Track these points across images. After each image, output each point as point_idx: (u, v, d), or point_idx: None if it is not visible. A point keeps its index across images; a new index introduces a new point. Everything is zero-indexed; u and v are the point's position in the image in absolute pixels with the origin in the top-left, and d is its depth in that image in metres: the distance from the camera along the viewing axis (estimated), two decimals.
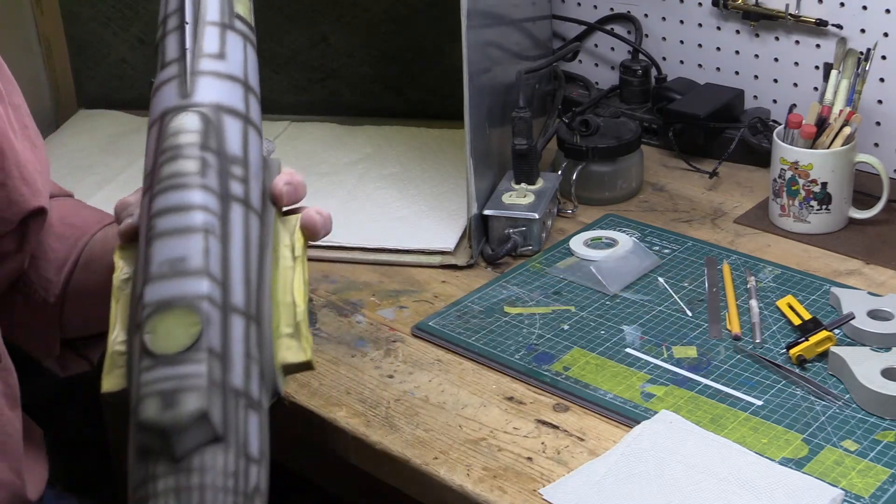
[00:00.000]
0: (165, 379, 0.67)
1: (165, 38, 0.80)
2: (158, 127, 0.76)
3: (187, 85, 0.77)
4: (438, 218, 1.39)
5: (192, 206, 0.72)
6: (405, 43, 1.64)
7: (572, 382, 1.10)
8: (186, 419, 0.66)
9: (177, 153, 0.74)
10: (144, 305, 0.69)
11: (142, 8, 1.69)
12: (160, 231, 0.71)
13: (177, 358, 0.67)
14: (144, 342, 0.68)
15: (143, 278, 0.70)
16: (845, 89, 1.34)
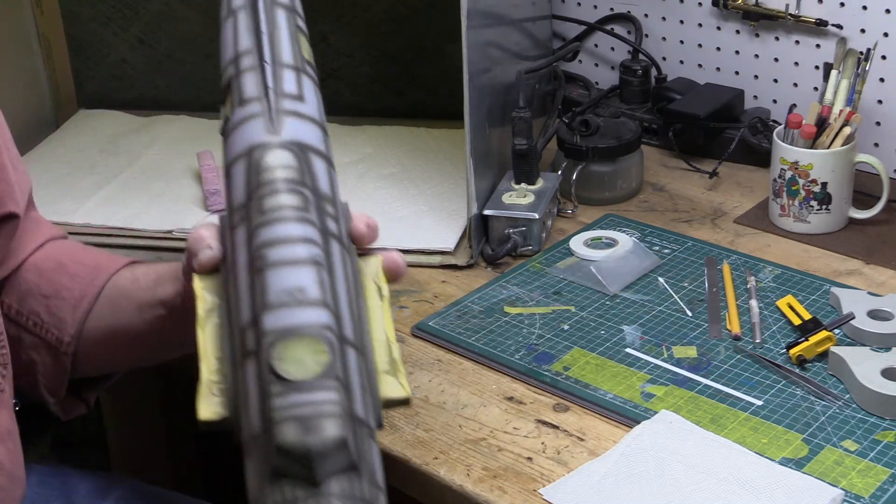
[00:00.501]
0: (301, 405, 0.67)
1: (241, 75, 0.81)
2: (247, 161, 0.77)
3: (273, 123, 0.78)
4: (438, 218, 1.39)
5: (302, 239, 0.73)
6: (405, 43, 1.64)
7: (572, 382, 1.10)
8: (328, 445, 0.67)
9: (278, 187, 0.75)
10: (265, 332, 0.69)
11: (142, 8, 1.69)
12: (272, 261, 0.72)
13: (310, 385, 0.68)
14: (274, 368, 0.68)
15: (259, 306, 0.71)
16: (845, 89, 1.34)
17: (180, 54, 1.71)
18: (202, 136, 1.64)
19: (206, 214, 1.43)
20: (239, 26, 0.83)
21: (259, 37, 0.81)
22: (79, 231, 1.41)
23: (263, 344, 0.69)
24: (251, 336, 0.71)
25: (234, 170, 0.78)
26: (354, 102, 1.68)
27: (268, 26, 0.82)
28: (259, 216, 0.74)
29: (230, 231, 0.77)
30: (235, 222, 0.76)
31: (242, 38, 0.82)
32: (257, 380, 0.70)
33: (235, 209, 0.77)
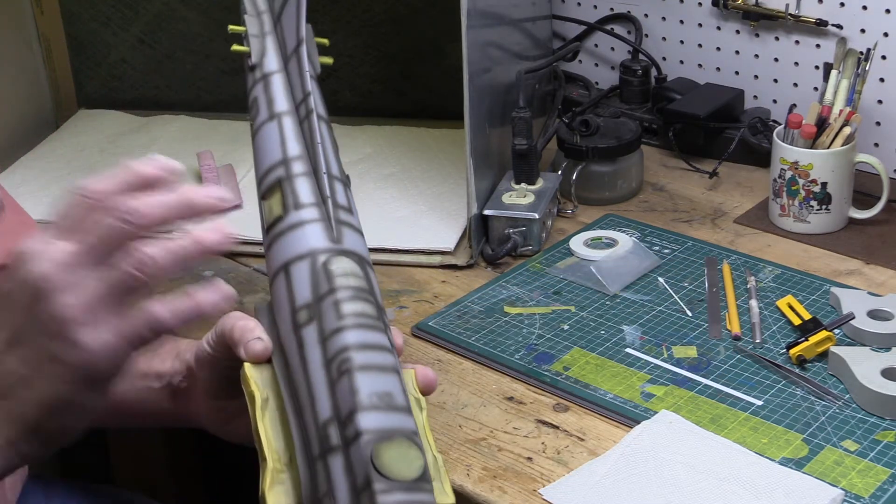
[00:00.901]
0: (406, 500, 0.72)
1: (294, 179, 0.85)
2: (311, 263, 0.81)
3: (334, 231, 0.83)
4: (438, 218, 1.39)
5: (385, 347, 0.78)
6: (405, 43, 1.64)
7: (572, 382, 1.10)
8: None
9: (354, 295, 0.79)
10: (362, 431, 0.73)
11: (142, 8, 1.69)
12: (359, 365, 0.76)
13: (413, 484, 0.73)
14: (377, 466, 0.72)
15: (348, 406, 0.74)
16: (845, 89, 1.34)
17: (180, 54, 1.71)
18: (202, 136, 1.64)
19: None
20: (285, 131, 0.88)
21: (314, 147, 0.86)
22: None
23: (360, 442, 0.73)
24: (334, 432, 0.75)
25: (294, 269, 0.82)
26: (354, 102, 1.68)
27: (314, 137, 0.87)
28: (338, 320, 0.77)
29: (295, 329, 0.80)
30: (302, 320, 0.79)
31: (291, 144, 0.87)
32: (348, 474, 0.73)
33: (299, 308, 0.79)
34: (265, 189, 0.89)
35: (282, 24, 0.95)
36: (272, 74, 0.92)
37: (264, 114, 0.91)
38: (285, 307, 0.82)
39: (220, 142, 1.62)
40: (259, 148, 0.90)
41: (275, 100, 0.91)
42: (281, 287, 0.83)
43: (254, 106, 0.92)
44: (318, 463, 0.76)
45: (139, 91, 1.75)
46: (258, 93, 0.92)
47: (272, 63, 0.93)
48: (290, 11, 0.93)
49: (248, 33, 0.96)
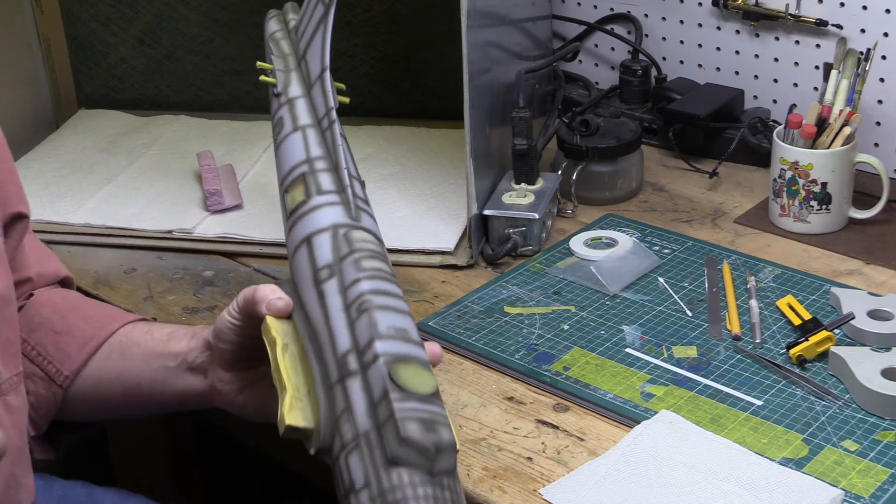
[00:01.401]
0: (422, 410, 0.81)
1: (317, 174, 1.00)
2: (333, 234, 0.94)
3: (352, 212, 0.97)
4: (438, 218, 1.39)
5: (400, 297, 0.90)
6: (405, 43, 1.64)
7: (572, 382, 1.10)
8: (446, 445, 0.80)
9: (374, 255, 0.92)
10: (380, 354, 0.83)
11: (142, 8, 1.69)
12: (378, 305, 0.87)
13: (427, 398, 0.82)
14: (394, 379, 0.82)
15: (368, 336, 0.85)
16: (845, 89, 1.34)
17: (180, 54, 1.71)
18: (202, 136, 1.64)
19: (205, 214, 1.43)
20: (309, 139, 1.04)
21: (336, 148, 1.01)
22: (79, 231, 1.42)
23: (378, 363, 0.83)
24: (353, 360, 0.85)
25: (316, 239, 0.95)
26: (354, 102, 1.67)
27: (335, 140, 1.02)
28: (359, 272, 0.90)
29: (316, 284, 0.91)
30: (323, 277, 0.91)
31: (314, 148, 1.03)
32: (365, 392, 0.83)
33: (321, 268, 0.92)
34: (288, 184, 1.02)
35: (306, 60, 1.11)
36: (297, 99, 1.09)
37: (289, 127, 1.06)
38: (307, 270, 0.93)
39: (220, 142, 1.62)
40: (283, 153, 1.05)
41: (299, 117, 1.07)
42: (303, 256, 0.95)
43: (279, 124, 1.09)
44: (337, 387, 0.85)
45: (139, 91, 1.75)
46: (283, 113, 1.09)
47: (296, 91, 1.10)
48: (316, 45, 1.10)
49: (274, 69, 1.13)
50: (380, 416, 0.81)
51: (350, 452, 0.82)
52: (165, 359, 1.03)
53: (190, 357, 1.02)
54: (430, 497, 0.79)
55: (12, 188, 1.02)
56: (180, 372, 1.02)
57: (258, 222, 1.41)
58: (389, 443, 0.79)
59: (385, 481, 0.79)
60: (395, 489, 0.78)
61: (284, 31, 1.19)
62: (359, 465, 0.81)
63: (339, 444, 0.83)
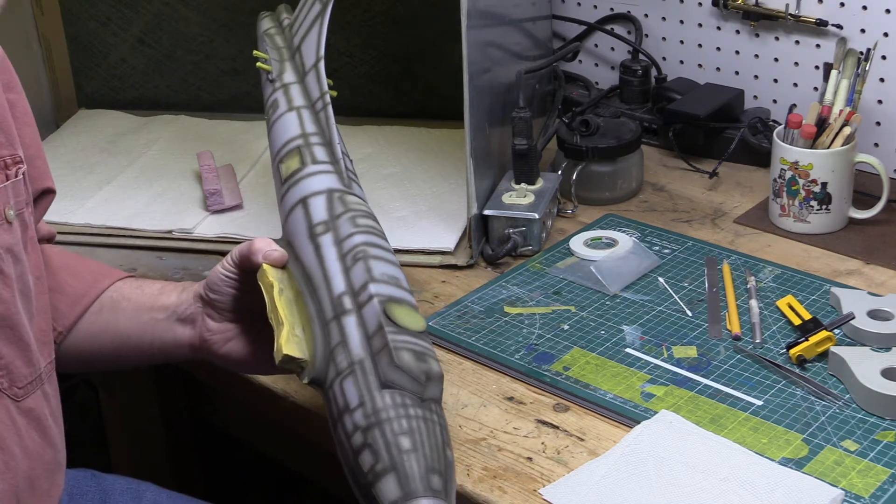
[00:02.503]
0: (413, 343, 0.90)
1: (312, 147, 1.10)
2: (328, 196, 1.03)
3: (345, 180, 1.06)
4: (438, 218, 1.39)
5: (390, 250, 0.99)
6: (405, 43, 1.64)
7: (572, 382, 1.10)
8: (435, 375, 0.89)
9: (365, 213, 1.02)
10: (374, 294, 0.92)
11: (142, 8, 1.69)
12: (372, 255, 0.96)
13: (418, 334, 0.91)
14: (389, 315, 0.91)
15: (363, 280, 0.94)
16: (845, 89, 1.34)
17: (180, 54, 1.71)
18: (202, 136, 1.64)
19: (205, 214, 1.43)
20: (304, 117, 1.13)
21: (330, 126, 1.11)
22: (79, 231, 1.42)
23: (373, 301, 0.91)
24: (348, 300, 0.93)
25: (312, 200, 1.03)
26: (354, 102, 1.68)
27: (329, 119, 1.12)
28: (353, 227, 0.99)
29: (311, 237, 0.99)
30: (318, 231, 0.99)
31: (308, 125, 1.13)
32: (360, 327, 0.91)
33: (316, 224, 1.00)
34: (283, 155, 1.11)
35: (300, 51, 1.21)
36: (291, 84, 1.18)
37: (284, 107, 1.15)
38: (302, 226, 1.01)
39: (220, 142, 1.62)
40: (277, 131, 1.14)
41: (294, 98, 1.16)
42: (298, 214, 1.03)
43: (273, 105, 1.18)
44: (332, 323, 0.92)
45: (139, 91, 1.75)
46: (278, 96, 1.18)
47: (290, 77, 1.19)
48: (312, 38, 1.19)
49: (270, 58, 1.23)
50: (374, 346, 0.89)
51: (345, 378, 0.89)
52: (156, 311, 1.08)
53: (180, 309, 1.06)
54: (420, 417, 0.86)
55: (40, 164, 1.05)
56: (170, 323, 1.07)
57: (258, 222, 1.41)
58: (384, 368, 0.87)
59: (378, 401, 0.86)
60: (388, 408, 0.86)
61: (278, 28, 1.29)
62: (353, 389, 0.88)
63: (333, 372, 0.90)
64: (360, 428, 0.86)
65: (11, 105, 0.99)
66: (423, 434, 0.85)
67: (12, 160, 0.95)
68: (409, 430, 0.85)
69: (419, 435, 0.85)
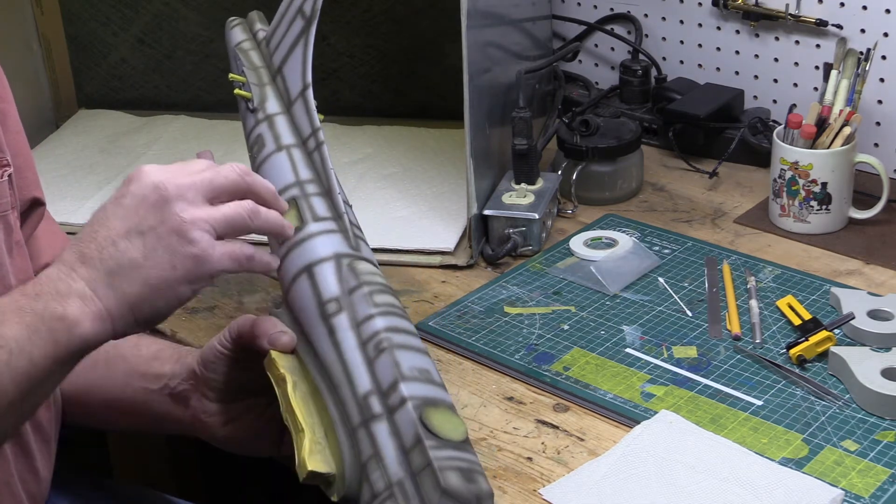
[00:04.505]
0: (458, 459, 0.80)
1: (310, 198, 0.96)
2: (336, 264, 0.91)
3: (351, 240, 0.93)
4: (438, 218, 1.39)
5: (414, 332, 0.88)
6: (405, 43, 1.64)
7: (572, 382, 1.10)
8: (485, 495, 0.80)
9: (383, 289, 0.90)
10: (407, 398, 0.81)
11: (142, 8, 1.69)
12: (398, 343, 0.85)
13: (460, 445, 0.81)
14: (427, 424, 0.80)
15: (390, 378, 0.83)
16: (845, 89, 1.34)
17: (180, 54, 1.71)
18: (202, 136, 1.64)
19: None
20: (296, 159, 0.99)
21: (327, 172, 0.97)
22: (79, 231, 1.41)
23: (407, 406, 0.81)
24: (376, 402, 0.83)
25: (318, 269, 0.91)
26: (354, 102, 1.68)
27: (325, 163, 0.97)
28: (371, 307, 0.87)
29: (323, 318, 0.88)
30: (331, 311, 0.88)
31: (302, 170, 0.98)
32: (394, 437, 0.81)
33: (327, 301, 0.89)
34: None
35: (283, 74, 1.06)
36: (276, 115, 1.03)
37: (271, 146, 1.01)
38: (310, 301, 0.90)
39: (220, 142, 1.62)
40: (267, 174, 0.99)
41: (281, 135, 1.01)
42: (303, 286, 0.91)
43: (258, 142, 1.02)
44: (360, 431, 0.82)
45: (139, 91, 1.75)
46: (262, 130, 1.03)
47: (274, 107, 1.04)
48: (296, 61, 1.04)
49: (248, 82, 1.07)
50: (413, 464, 0.79)
51: (384, 503, 0.79)
52: (148, 380, 1.00)
53: (172, 383, 0.99)
54: None
55: (29, 174, 1.02)
56: (161, 397, 0.99)
57: None
58: (429, 493, 0.78)
59: None
60: None
61: (253, 42, 1.13)
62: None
63: (368, 492, 0.80)
64: None
65: (2, 114, 0.98)
66: None
67: (2, 162, 0.93)
68: None
69: None
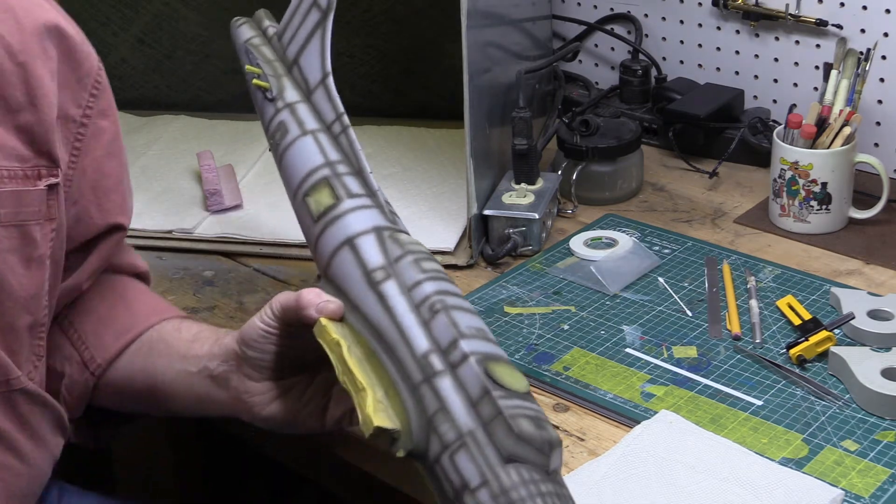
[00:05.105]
0: (526, 408, 0.81)
1: (342, 177, 0.99)
2: (377, 236, 0.93)
3: (387, 214, 0.96)
4: (438, 218, 1.39)
5: (462, 296, 0.90)
6: (405, 43, 1.64)
7: (572, 382, 1.10)
8: (556, 442, 0.80)
9: (428, 256, 0.92)
10: (469, 353, 0.83)
11: (142, 8, 1.69)
12: (452, 305, 0.87)
13: (526, 396, 0.82)
14: (493, 377, 0.81)
15: (450, 336, 0.84)
16: (845, 89, 1.34)
17: (180, 54, 1.71)
18: (202, 136, 1.64)
19: (205, 214, 1.43)
20: (322, 142, 1.02)
21: (356, 153, 1.02)
22: None
23: (470, 361, 0.82)
24: (437, 360, 0.84)
25: (360, 241, 0.93)
26: (354, 102, 1.67)
27: (353, 145, 1.02)
28: (420, 273, 0.89)
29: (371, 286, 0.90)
30: (379, 278, 0.90)
31: (330, 152, 1.01)
32: (459, 391, 0.82)
33: (373, 270, 0.90)
34: (308, 188, 1.00)
35: (300, 65, 1.09)
36: (296, 103, 1.06)
37: (296, 131, 1.04)
38: (355, 271, 0.92)
39: (220, 142, 1.62)
40: (294, 158, 1.03)
41: (305, 121, 1.04)
42: (346, 257, 0.93)
43: (280, 128, 1.04)
44: (423, 387, 0.83)
45: (139, 91, 1.75)
46: (284, 117, 1.06)
47: (293, 96, 1.07)
48: (313, 51, 1.07)
49: (264, 73, 1.10)
50: (483, 414, 0.80)
51: (456, 452, 0.80)
52: (189, 362, 1.01)
53: (212, 365, 0.99)
54: (553, 493, 0.78)
55: (116, 198, 1.02)
56: (201, 379, 1.00)
57: (258, 222, 1.40)
58: (502, 440, 0.79)
59: (505, 479, 0.78)
60: (518, 486, 0.78)
61: (263, 38, 1.16)
62: (470, 465, 0.79)
63: (437, 444, 0.81)
64: None
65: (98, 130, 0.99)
66: None
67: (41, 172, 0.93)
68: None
69: None
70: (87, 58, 1.00)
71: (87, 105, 0.98)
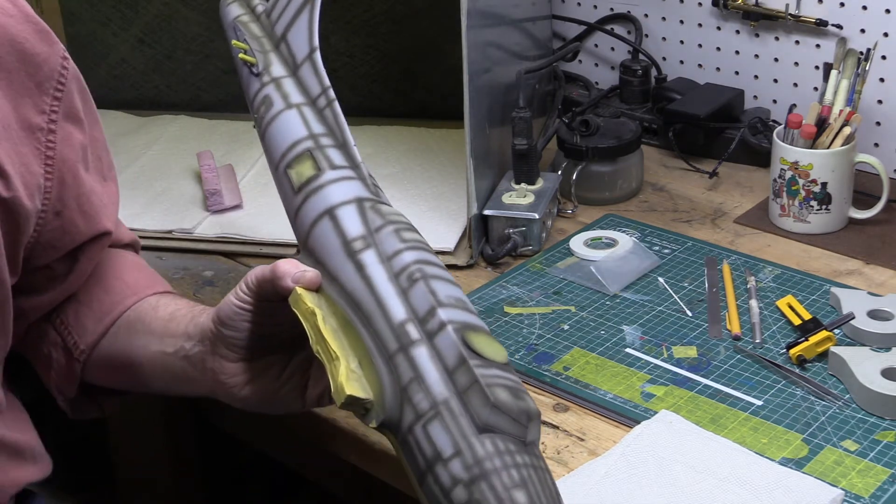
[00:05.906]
0: (505, 378, 0.79)
1: (325, 149, 0.98)
2: (359, 206, 0.92)
3: (370, 186, 0.95)
4: (438, 218, 1.39)
5: (444, 266, 0.87)
6: (405, 43, 1.64)
7: (572, 382, 1.10)
8: (534, 413, 0.79)
9: (409, 227, 0.90)
10: (447, 322, 0.81)
11: (142, 8, 1.69)
12: (430, 274, 0.85)
13: (504, 367, 0.81)
14: (471, 346, 0.80)
15: (428, 305, 0.83)
16: (845, 89, 1.34)
17: (180, 54, 1.71)
18: (202, 136, 1.64)
19: (205, 214, 1.43)
20: (307, 116, 1.01)
21: (341, 126, 1.00)
22: None
23: (448, 330, 0.80)
24: (414, 329, 0.82)
25: (341, 211, 0.92)
26: (354, 102, 1.68)
27: (338, 118, 1.00)
28: (400, 243, 0.88)
29: (350, 254, 0.88)
30: (358, 248, 0.88)
31: (314, 125, 1.00)
32: (436, 360, 0.80)
33: (353, 239, 0.89)
34: (290, 160, 0.98)
35: (287, 41, 1.07)
36: (282, 78, 1.04)
37: (280, 104, 1.02)
38: (333, 242, 0.90)
39: (220, 142, 1.62)
40: (277, 131, 1.01)
41: (290, 94, 1.03)
42: (325, 228, 0.91)
43: (264, 102, 1.03)
44: (398, 356, 0.82)
45: (139, 91, 1.75)
46: (269, 91, 1.04)
47: (279, 71, 1.05)
48: (300, 27, 1.06)
49: (251, 49, 1.09)
50: (459, 383, 0.79)
51: (429, 422, 0.78)
52: (164, 342, 1.00)
53: (187, 345, 0.98)
54: (529, 465, 0.76)
55: (96, 201, 1.01)
56: (177, 359, 0.98)
57: (258, 222, 1.40)
58: (478, 410, 0.77)
59: (479, 449, 0.76)
60: (492, 456, 0.76)
61: (252, 16, 1.15)
62: (443, 434, 0.77)
63: (411, 414, 0.79)
64: (462, 481, 0.76)
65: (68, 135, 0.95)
66: (536, 485, 0.76)
67: None
68: (521, 482, 0.75)
69: (532, 486, 0.76)
70: (47, 60, 0.93)
71: (52, 109, 0.94)
